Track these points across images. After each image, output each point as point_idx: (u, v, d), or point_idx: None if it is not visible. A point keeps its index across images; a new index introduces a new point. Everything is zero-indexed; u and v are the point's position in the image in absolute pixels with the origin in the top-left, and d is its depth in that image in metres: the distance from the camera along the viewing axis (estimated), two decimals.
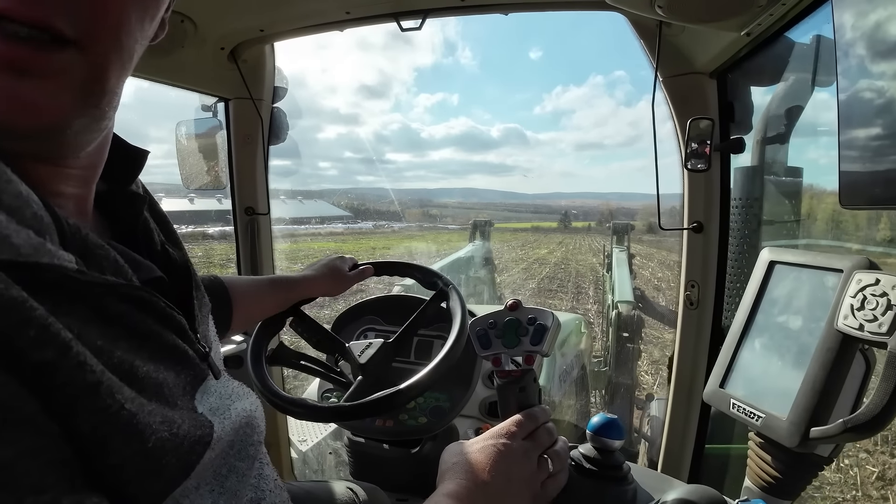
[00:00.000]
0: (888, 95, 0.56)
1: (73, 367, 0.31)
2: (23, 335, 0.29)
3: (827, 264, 0.62)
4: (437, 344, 1.35)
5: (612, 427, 0.68)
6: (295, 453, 2.05)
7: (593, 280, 17.40)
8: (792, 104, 1.42)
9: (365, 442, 1.34)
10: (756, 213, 1.41)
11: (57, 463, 0.30)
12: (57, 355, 0.31)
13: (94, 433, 0.32)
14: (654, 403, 2.79)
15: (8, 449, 0.27)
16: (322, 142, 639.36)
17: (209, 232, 32.56)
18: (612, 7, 1.08)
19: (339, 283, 1.17)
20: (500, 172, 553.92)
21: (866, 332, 0.53)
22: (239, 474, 0.49)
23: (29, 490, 0.27)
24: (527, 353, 0.71)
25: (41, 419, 0.29)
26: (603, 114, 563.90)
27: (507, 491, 0.58)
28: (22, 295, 0.30)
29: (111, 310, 0.37)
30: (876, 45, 0.58)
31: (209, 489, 0.44)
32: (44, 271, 0.33)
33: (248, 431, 0.52)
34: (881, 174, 0.55)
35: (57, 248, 0.35)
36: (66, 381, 0.31)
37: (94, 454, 0.32)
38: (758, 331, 0.70)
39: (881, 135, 0.56)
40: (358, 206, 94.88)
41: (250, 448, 0.52)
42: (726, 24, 1.03)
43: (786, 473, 0.63)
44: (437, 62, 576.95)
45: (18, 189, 0.34)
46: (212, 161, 1.65)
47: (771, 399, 0.63)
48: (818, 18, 1.01)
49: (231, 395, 0.52)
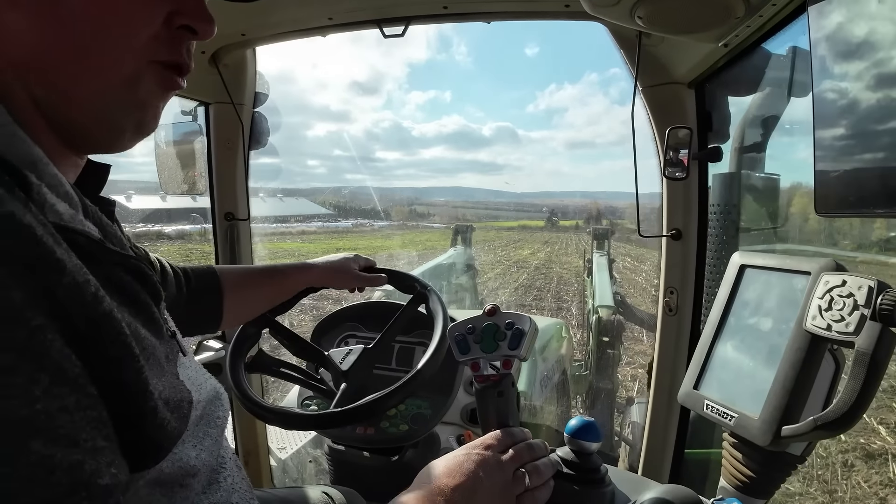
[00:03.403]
0: (863, 106, 0.57)
1: (119, 322, 0.36)
2: (86, 293, 0.34)
3: (795, 267, 0.63)
4: (418, 351, 1.35)
5: (588, 430, 0.68)
6: (274, 461, 2.02)
7: (578, 291, 13.41)
8: (768, 114, 1.45)
9: (345, 450, 1.33)
10: (734, 220, 1.44)
11: (93, 420, 0.33)
12: (110, 310, 0.36)
13: (134, 384, 0.37)
14: (633, 408, 2.80)
15: (53, 402, 0.30)
16: (311, 139, 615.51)
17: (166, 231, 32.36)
18: (593, 17, 1.09)
19: (343, 279, 1.15)
20: (491, 171, 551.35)
21: (834, 332, 0.54)
22: (212, 438, 0.53)
23: (63, 441, 0.30)
24: (505, 358, 0.72)
25: (84, 380, 0.33)
26: (596, 112, 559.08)
27: (474, 497, 0.57)
28: (77, 260, 0.35)
29: (120, 278, 0.42)
30: (851, 55, 0.59)
31: (192, 444, 0.48)
32: (80, 235, 0.38)
33: (216, 406, 0.56)
34: (855, 183, 0.57)
35: (84, 219, 0.42)
36: (116, 336, 0.36)
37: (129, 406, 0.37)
38: (730, 333, 0.71)
39: (856, 145, 0.58)
40: (343, 204, 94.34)
41: (217, 420, 0.56)
42: (704, 36, 1.05)
43: (759, 472, 0.63)
44: (431, 59, 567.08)
45: (54, 171, 0.41)
46: (191, 166, 1.64)
47: (743, 399, 0.64)
48: (794, 30, 1.03)
49: (202, 373, 0.57)
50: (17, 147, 0.39)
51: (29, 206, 0.34)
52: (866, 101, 0.57)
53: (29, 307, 0.31)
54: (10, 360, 0.29)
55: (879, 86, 0.56)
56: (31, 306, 0.31)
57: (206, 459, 0.50)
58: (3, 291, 0.30)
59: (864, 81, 0.58)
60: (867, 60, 0.58)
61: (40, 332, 0.31)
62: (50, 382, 0.30)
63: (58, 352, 0.31)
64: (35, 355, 0.30)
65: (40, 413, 0.29)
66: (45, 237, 0.33)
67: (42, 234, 0.33)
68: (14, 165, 0.36)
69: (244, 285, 1.06)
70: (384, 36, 1.39)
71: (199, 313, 1.00)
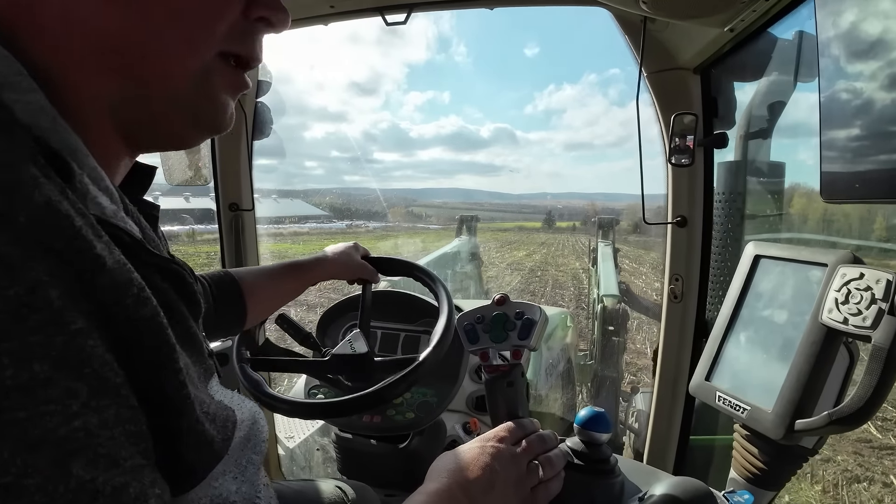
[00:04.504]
0: (869, 92, 0.57)
1: (164, 325, 0.34)
2: (128, 294, 0.32)
3: (811, 258, 0.63)
4: (423, 339, 1.35)
5: (599, 420, 0.68)
6: (282, 450, 2.03)
7: (575, 295, 12.89)
8: (774, 100, 1.44)
9: (352, 438, 1.34)
10: (739, 208, 1.43)
11: (133, 435, 0.30)
12: (154, 313, 0.33)
13: (176, 393, 0.34)
14: (639, 396, 2.81)
15: (92, 417, 0.27)
16: (308, 140, 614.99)
17: None
18: (598, 2, 1.08)
19: (350, 269, 1.15)
20: (489, 172, 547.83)
21: (850, 325, 0.54)
22: (255, 466, 0.49)
23: (104, 461, 0.27)
24: (514, 348, 0.71)
25: (126, 390, 0.30)
26: (594, 112, 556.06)
27: (491, 492, 0.57)
28: (122, 256, 0.33)
29: (157, 285, 0.39)
30: (858, 41, 0.58)
31: (232, 476, 0.44)
32: (122, 233, 0.36)
33: (257, 429, 0.52)
34: (861, 169, 0.56)
35: (126, 217, 0.39)
36: (161, 340, 0.34)
37: (170, 417, 0.34)
38: (743, 324, 0.70)
39: (862, 130, 0.57)
40: (340, 205, 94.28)
41: (262, 444, 0.52)
42: (710, 21, 1.03)
43: (771, 465, 0.63)
44: (431, 59, 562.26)
45: (94, 164, 0.38)
46: (195, 156, 1.63)
47: (756, 392, 0.64)
48: (801, 15, 1.02)
49: (233, 395, 0.53)
50: (59, 133, 0.35)
51: (66, 194, 0.31)
52: (873, 88, 0.56)
53: (67, 308, 0.28)
54: (47, 370, 0.26)
55: (888, 72, 0.56)
56: (70, 307, 0.28)
57: (246, 493, 0.46)
58: (41, 290, 0.27)
59: (871, 68, 0.57)
60: (875, 45, 0.57)
61: (80, 337, 0.28)
62: (89, 394, 0.28)
63: (98, 359, 0.29)
64: (74, 364, 0.27)
65: (79, 430, 0.27)
66: (84, 229, 0.30)
67: (81, 226, 0.30)
68: (55, 150, 0.33)
69: (262, 287, 1.05)
70: (386, 24, 1.37)
71: (223, 321, 0.98)
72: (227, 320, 0.98)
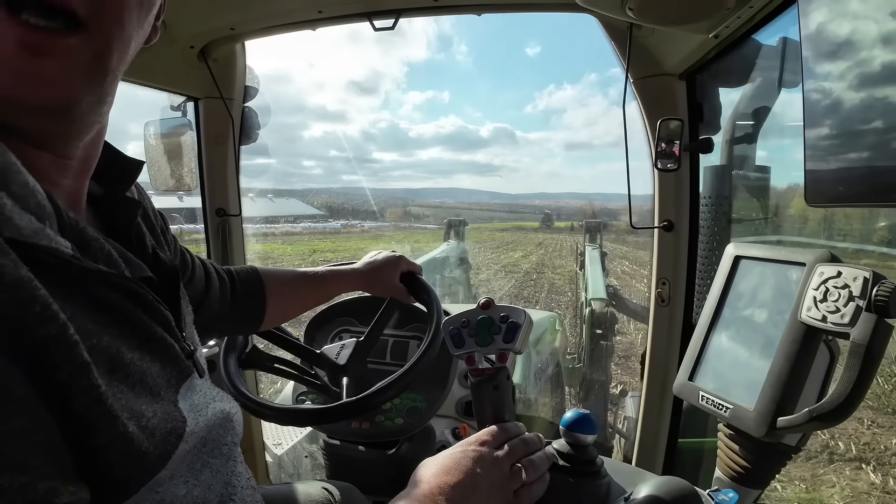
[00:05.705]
0: (852, 96, 0.58)
1: (71, 344, 0.34)
2: (29, 311, 0.31)
3: (790, 258, 0.63)
4: (412, 345, 1.35)
5: (584, 422, 0.68)
6: (270, 457, 2.02)
7: (572, 302, 11.97)
8: (759, 104, 1.46)
9: (341, 444, 1.33)
10: (725, 211, 1.44)
11: (42, 444, 0.31)
12: (58, 332, 0.33)
13: (87, 411, 0.34)
14: (627, 399, 2.82)
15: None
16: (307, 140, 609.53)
17: None
18: (584, 9, 1.09)
19: (383, 288, 1.14)
20: (487, 172, 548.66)
21: (829, 323, 0.54)
22: (213, 470, 0.50)
23: (11, 469, 0.28)
24: (500, 352, 0.71)
25: (31, 401, 0.31)
26: (594, 113, 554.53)
27: (474, 495, 0.57)
28: (28, 274, 0.32)
29: (103, 297, 0.40)
30: (841, 46, 0.59)
31: (183, 480, 0.45)
32: (42, 253, 0.35)
33: (223, 431, 0.53)
34: (845, 173, 0.57)
35: (56, 234, 0.38)
36: (65, 359, 0.33)
37: (83, 434, 0.34)
38: (725, 324, 0.71)
39: (845, 134, 0.58)
40: (338, 205, 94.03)
41: (224, 447, 0.53)
42: (695, 27, 1.05)
43: (754, 463, 0.64)
44: (430, 58, 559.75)
45: (26, 179, 0.37)
46: (181, 161, 1.62)
47: (738, 390, 0.64)
48: (784, 21, 1.03)
49: (214, 396, 0.54)
50: None
51: None
52: (856, 93, 0.57)
53: None
54: None
55: (869, 77, 0.57)
56: None
57: (200, 495, 0.46)
58: None
59: (853, 72, 0.58)
60: (857, 50, 0.58)
61: None
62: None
63: (1, 371, 0.29)
64: None
65: None
66: None
67: None
68: None
69: (288, 291, 1.04)
70: (374, 29, 1.38)
71: (242, 316, 0.99)
72: (245, 315, 0.99)
